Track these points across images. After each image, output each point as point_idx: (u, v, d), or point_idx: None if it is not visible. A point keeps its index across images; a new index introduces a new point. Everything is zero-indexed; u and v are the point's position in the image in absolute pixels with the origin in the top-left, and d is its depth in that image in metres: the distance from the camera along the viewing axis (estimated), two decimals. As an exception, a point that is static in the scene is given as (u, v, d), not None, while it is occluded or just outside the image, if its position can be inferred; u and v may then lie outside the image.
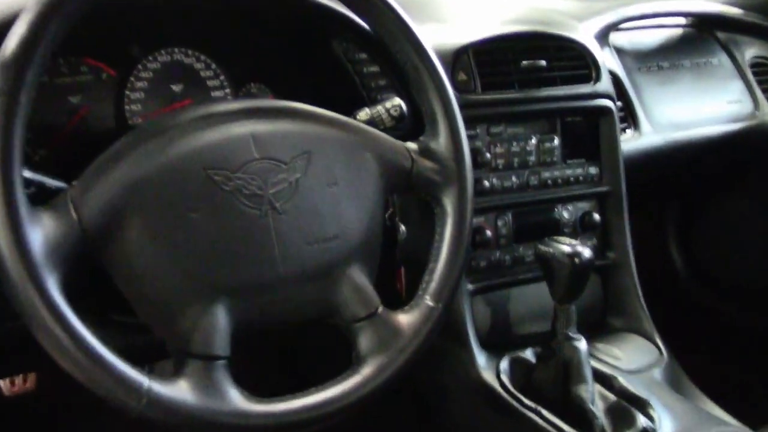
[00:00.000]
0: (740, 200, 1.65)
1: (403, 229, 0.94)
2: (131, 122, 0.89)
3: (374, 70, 0.93)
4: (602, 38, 1.23)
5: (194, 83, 0.93)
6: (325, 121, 0.71)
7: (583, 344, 0.86)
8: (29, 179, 0.58)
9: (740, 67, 1.42)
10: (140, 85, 0.90)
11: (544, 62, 1.04)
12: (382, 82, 0.93)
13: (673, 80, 1.34)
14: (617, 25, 1.29)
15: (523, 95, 1.03)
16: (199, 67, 0.94)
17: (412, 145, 0.76)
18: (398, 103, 0.82)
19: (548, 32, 1.08)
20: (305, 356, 1.41)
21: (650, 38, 1.39)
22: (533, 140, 1.06)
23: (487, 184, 1.02)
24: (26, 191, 0.55)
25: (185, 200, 0.61)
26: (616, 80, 1.18)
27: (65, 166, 0.62)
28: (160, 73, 0.91)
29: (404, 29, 0.75)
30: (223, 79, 0.95)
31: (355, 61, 0.93)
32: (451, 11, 1.15)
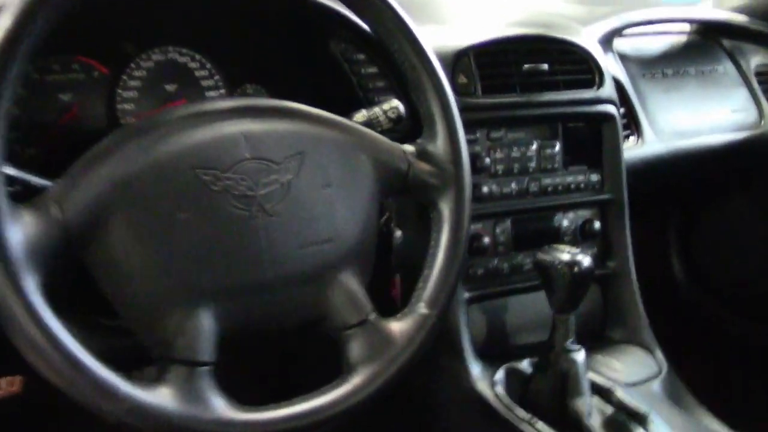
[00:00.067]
0: (743, 210, 1.64)
1: (398, 234, 0.92)
2: (123, 122, 0.88)
3: (372, 71, 0.92)
4: (606, 43, 1.21)
5: (189, 83, 0.92)
6: (319, 121, 0.69)
7: (581, 356, 0.85)
8: (13, 177, 0.57)
9: (745, 75, 1.40)
10: (133, 83, 0.89)
11: (546, 66, 1.03)
12: (380, 83, 0.92)
13: (677, 88, 1.32)
14: (621, 30, 1.27)
15: (524, 99, 1.01)
16: (193, 66, 0.92)
17: (409, 147, 0.74)
18: (396, 105, 0.80)
19: (551, 36, 1.06)
20: (298, 363, 1.39)
21: (654, 45, 1.37)
22: (534, 146, 1.05)
23: (486, 190, 1.01)
24: (9, 189, 0.53)
25: (172, 200, 0.60)
26: (619, 87, 1.16)
27: (55, 165, 0.61)
28: (153, 71, 0.90)
29: (403, 27, 0.74)
30: (218, 79, 0.93)
31: (352, 61, 0.92)
32: (452, 13, 1.13)
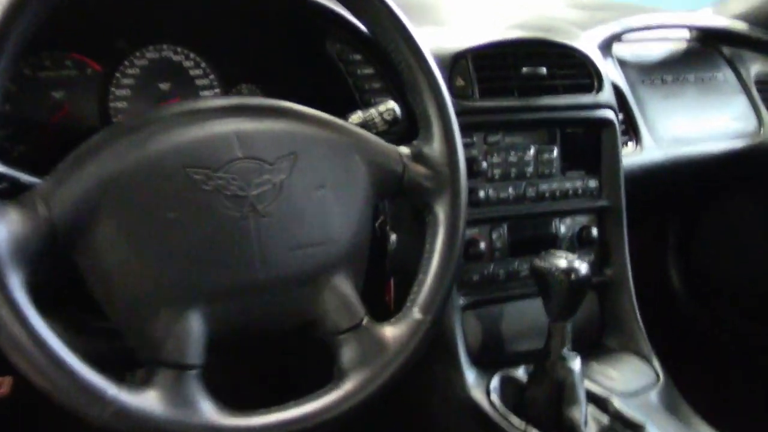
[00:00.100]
0: (742, 218, 1.63)
1: (393, 237, 0.91)
2: (115, 120, 0.87)
3: (368, 72, 0.91)
4: (605, 49, 1.20)
5: (183, 82, 0.91)
6: (313, 121, 0.68)
7: (577, 364, 0.83)
8: (1, 174, 0.56)
9: (745, 83, 1.40)
10: (126, 81, 0.88)
11: (544, 70, 1.01)
12: (376, 84, 0.91)
13: (676, 94, 1.31)
14: (621, 35, 1.27)
15: (522, 103, 1.00)
16: (188, 65, 0.91)
17: (404, 149, 0.73)
18: (392, 106, 0.79)
19: (550, 39, 1.05)
20: (291, 367, 1.38)
21: (654, 51, 1.37)
22: (532, 150, 1.03)
23: (482, 194, 0.99)
24: None
25: (162, 199, 0.58)
26: (618, 92, 1.15)
27: (46, 163, 0.60)
28: (147, 70, 0.89)
29: (399, 27, 0.72)
30: (212, 78, 0.92)
31: (349, 62, 0.91)
32: (450, 15, 1.12)
